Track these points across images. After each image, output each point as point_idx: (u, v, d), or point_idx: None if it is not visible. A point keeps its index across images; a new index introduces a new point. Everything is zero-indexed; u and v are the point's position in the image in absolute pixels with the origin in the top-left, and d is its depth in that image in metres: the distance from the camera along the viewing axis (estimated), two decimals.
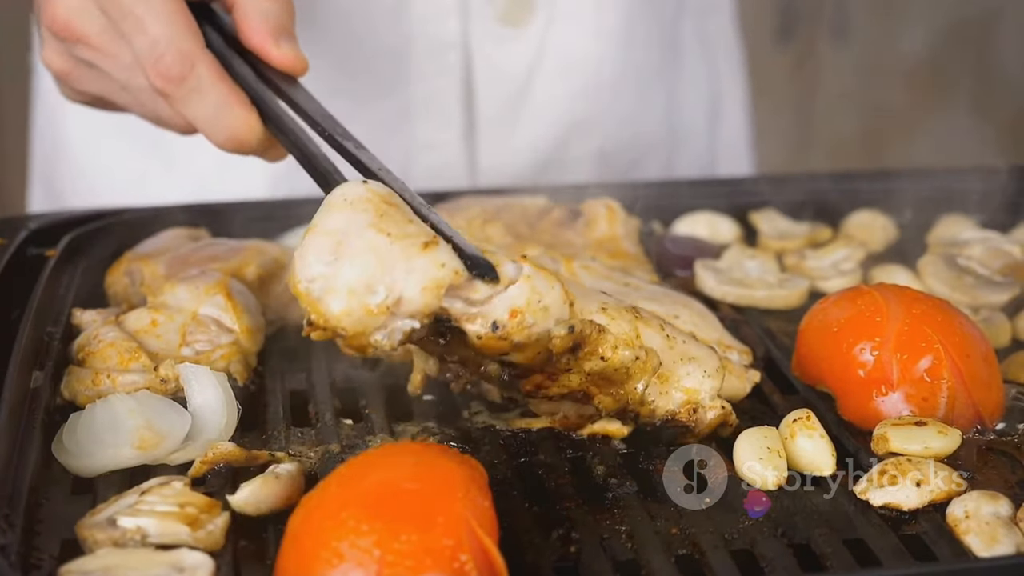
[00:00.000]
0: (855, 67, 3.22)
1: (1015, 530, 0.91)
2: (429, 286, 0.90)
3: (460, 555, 0.80)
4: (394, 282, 0.90)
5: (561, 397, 0.99)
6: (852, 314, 1.08)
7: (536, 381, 0.97)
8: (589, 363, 0.96)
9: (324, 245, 0.91)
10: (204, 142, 1.61)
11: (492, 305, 0.91)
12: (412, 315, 0.90)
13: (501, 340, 0.91)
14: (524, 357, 0.93)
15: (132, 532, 0.87)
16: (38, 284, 1.17)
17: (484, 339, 0.91)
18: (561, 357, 0.94)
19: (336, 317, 0.90)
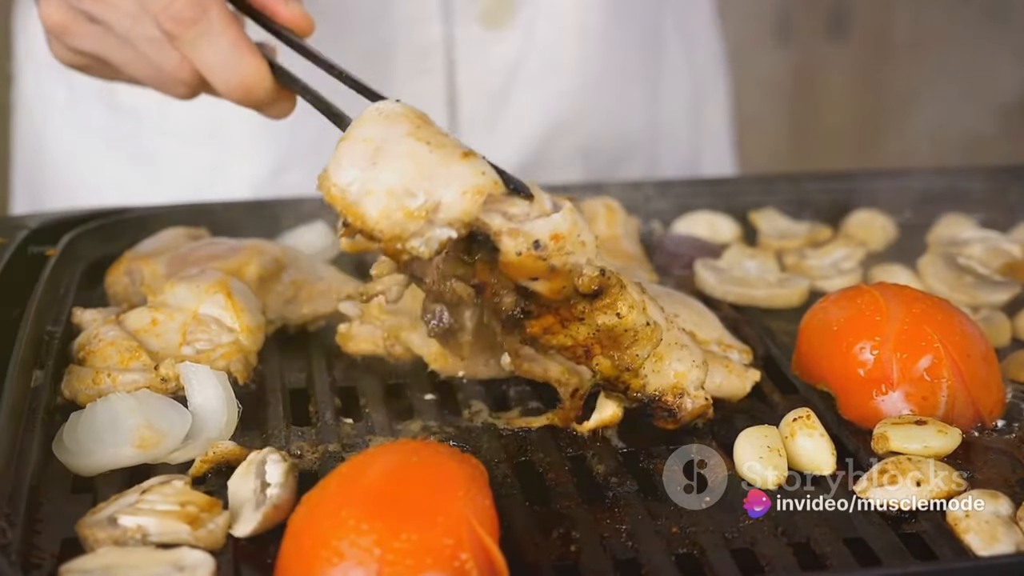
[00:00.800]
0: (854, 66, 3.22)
1: (1015, 529, 0.91)
2: (469, 191, 0.89)
3: (460, 554, 0.80)
4: (434, 187, 0.89)
5: (561, 350, 0.98)
6: (852, 313, 1.08)
7: (546, 323, 0.96)
8: (603, 316, 0.95)
9: (361, 151, 0.91)
10: (186, 151, 1.62)
11: (534, 225, 0.90)
12: (450, 223, 0.89)
13: (539, 260, 0.90)
14: (550, 288, 0.92)
15: (133, 531, 0.87)
16: (38, 283, 1.17)
17: (523, 257, 0.90)
18: (580, 301, 0.94)
19: (374, 219, 0.89)
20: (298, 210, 1.40)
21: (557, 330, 0.96)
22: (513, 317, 0.96)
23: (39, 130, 1.70)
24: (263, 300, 1.19)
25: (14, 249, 1.22)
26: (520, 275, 0.92)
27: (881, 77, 3.21)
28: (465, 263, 0.94)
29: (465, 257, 0.94)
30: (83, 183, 1.65)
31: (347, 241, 0.92)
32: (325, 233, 1.38)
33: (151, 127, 1.62)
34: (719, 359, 1.09)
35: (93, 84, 1.63)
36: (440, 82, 1.60)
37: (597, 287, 0.93)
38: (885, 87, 3.22)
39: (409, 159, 0.90)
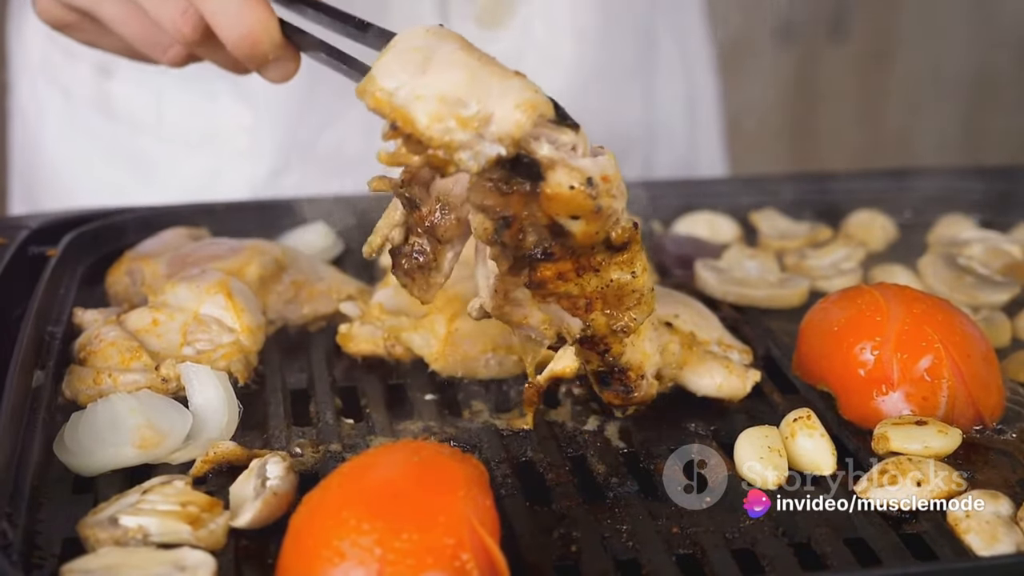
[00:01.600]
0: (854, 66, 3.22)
1: (1015, 529, 0.91)
2: (523, 105, 0.86)
3: (461, 554, 0.80)
4: (487, 98, 0.86)
5: (564, 299, 0.95)
6: (852, 314, 1.08)
7: (563, 268, 0.92)
8: (618, 272, 0.93)
9: (410, 58, 0.87)
10: (184, 156, 1.61)
11: (584, 161, 0.88)
12: (501, 138, 0.86)
13: (589, 198, 0.87)
14: (584, 230, 0.89)
15: (134, 531, 0.87)
16: (39, 284, 1.17)
17: (575, 192, 0.87)
18: (601, 252, 0.92)
19: (424, 124, 0.85)
20: (299, 210, 1.40)
21: (571, 277, 0.93)
22: (530, 257, 0.92)
23: (36, 138, 1.71)
24: (263, 300, 1.19)
25: (15, 249, 1.22)
26: (562, 210, 0.88)
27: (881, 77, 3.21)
28: (500, 192, 0.88)
29: (503, 186, 0.88)
30: (81, 189, 1.65)
31: (387, 153, 0.87)
32: (325, 233, 1.38)
33: (147, 133, 1.62)
34: (719, 359, 1.09)
35: (88, 92, 1.64)
36: None
37: (627, 239, 0.91)
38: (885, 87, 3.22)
39: (461, 68, 0.86)
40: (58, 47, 1.63)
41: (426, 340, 1.12)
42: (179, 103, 1.60)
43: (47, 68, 1.66)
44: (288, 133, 1.59)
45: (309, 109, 1.57)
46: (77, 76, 1.63)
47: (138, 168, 1.62)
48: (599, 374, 1.01)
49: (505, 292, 0.98)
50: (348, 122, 1.59)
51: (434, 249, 0.98)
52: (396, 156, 0.88)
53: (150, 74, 1.58)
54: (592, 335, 0.97)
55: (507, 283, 0.97)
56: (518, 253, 0.92)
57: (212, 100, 1.58)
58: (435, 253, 0.98)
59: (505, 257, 0.93)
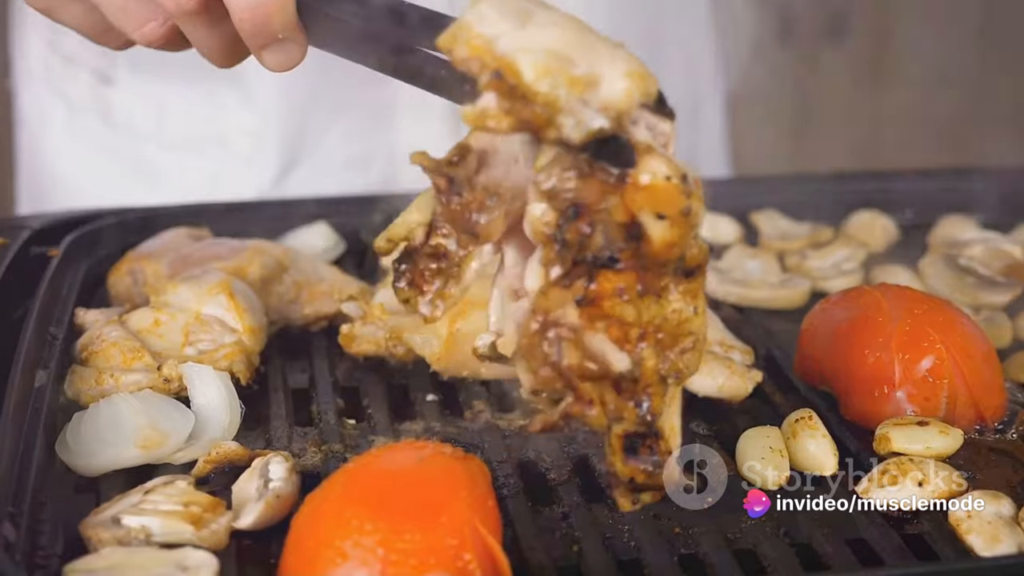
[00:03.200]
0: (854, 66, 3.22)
1: (1017, 530, 0.91)
2: (635, 75, 0.79)
3: (464, 554, 0.80)
4: (596, 61, 0.79)
5: (614, 325, 0.83)
6: (854, 314, 1.08)
7: (626, 282, 0.82)
8: (681, 303, 0.84)
9: (509, 10, 0.80)
10: (187, 162, 1.61)
11: (677, 160, 0.81)
12: (606, 108, 0.79)
13: (682, 195, 0.80)
14: (665, 236, 0.80)
15: (136, 531, 0.87)
16: (41, 284, 1.17)
17: (669, 185, 0.79)
18: (670, 275, 0.83)
19: (532, 77, 0.78)
20: (300, 211, 1.41)
21: (631, 296, 0.83)
22: (592, 262, 0.82)
23: (39, 145, 1.71)
24: (265, 301, 1.19)
25: (16, 250, 1.22)
26: (650, 205, 0.80)
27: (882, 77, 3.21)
28: (579, 174, 0.81)
29: (584, 167, 0.81)
30: (85, 196, 1.65)
31: (474, 110, 0.79)
32: (327, 234, 1.38)
33: (150, 140, 1.62)
34: (721, 360, 1.09)
35: (88, 99, 1.63)
36: None
37: (699, 263, 0.83)
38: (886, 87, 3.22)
39: (567, 26, 0.79)
40: (58, 54, 1.63)
41: (428, 340, 1.12)
42: (181, 110, 1.59)
43: (48, 76, 1.66)
44: (293, 135, 1.59)
45: (314, 109, 1.57)
46: (77, 83, 1.63)
47: (142, 174, 1.62)
48: (629, 438, 0.86)
49: (545, 315, 0.84)
50: (346, 120, 1.59)
51: (461, 251, 0.87)
52: (485, 113, 0.79)
53: (150, 82, 1.58)
54: (636, 378, 0.85)
55: (551, 300, 0.84)
56: (580, 255, 0.82)
57: (215, 106, 1.57)
58: (461, 258, 0.87)
59: (561, 260, 0.83)
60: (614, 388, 0.85)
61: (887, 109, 3.22)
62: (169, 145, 1.61)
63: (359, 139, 1.60)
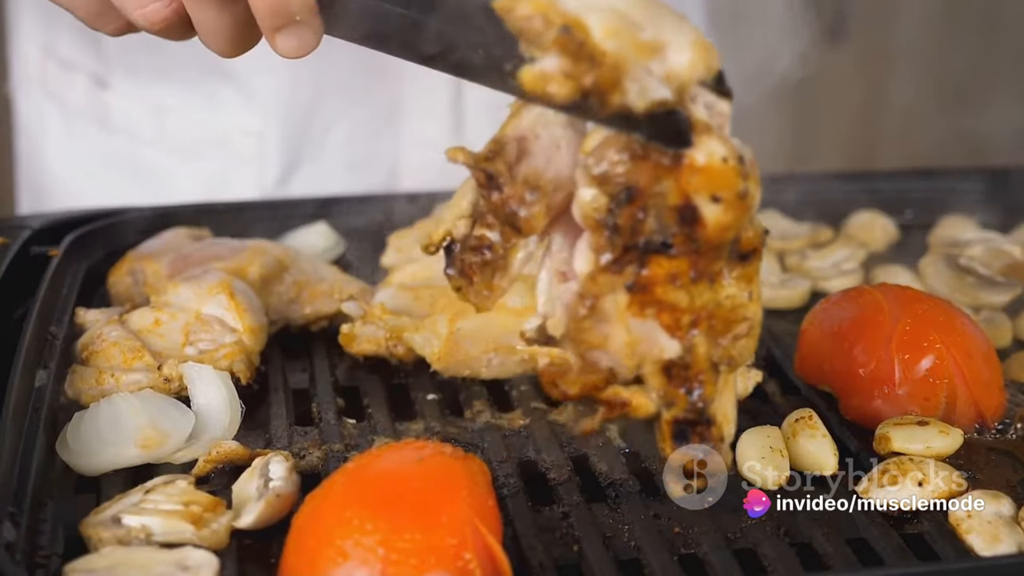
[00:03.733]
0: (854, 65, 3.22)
1: (1017, 529, 0.91)
2: (700, 46, 0.77)
3: (464, 553, 0.80)
4: (662, 29, 0.77)
5: (667, 311, 0.82)
6: (854, 314, 1.09)
7: (679, 268, 0.81)
8: (735, 288, 0.82)
9: None
10: (189, 166, 1.60)
11: (734, 140, 0.79)
12: (669, 78, 0.76)
13: (738, 176, 0.78)
14: (720, 219, 0.79)
15: (136, 530, 0.87)
16: (41, 283, 1.17)
17: (726, 166, 0.78)
18: (723, 259, 0.81)
19: (600, 36, 0.75)
20: (300, 211, 1.41)
21: (684, 282, 0.81)
22: (644, 247, 0.80)
23: (39, 150, 1.71)
24: (265, 300, 1.19)
25: (17, 249, 1.22)
26: (705, 187, 0.78)
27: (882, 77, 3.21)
28: (631, 156, 0.79)
29: (636, 148, 0.79)
30: (86, 201, 1.65)
31: (534, 71, 0.76)
32: (327, 234, 1.38)
33: (148, 145, 1.61)
34: None
35: (85, 103, 1.63)
36: (447, 77, 1.59)
37: (755, 246, 0.81)
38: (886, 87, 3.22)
39: None
40: (53, 59, 1.63)
41: (428, 340, 1.12)
42: (181, 114, 1.59)
43: (44, 81, 1.66)
44: (296, 135, 1.59)
45: (317, 108, 1.57)
46: (74, 88, 1.63)
47: (142, 179, 1.61)
48: (678, 425, 0.86)
49: (594, 299, 0.83)
50: (351, 119, 1.59)
51: (505, 243, 0.86)
52: (545, 76, 0.76)
53: (148, 86, 1.58)
54: (688, 364, 0.84)
55: (601, 285, 0.83)
56: (631, 241, 0.80)
57: (216, 109, 1.57)
58: (506, 249, 0.86)
59: (612, 246, 0.81)
60: (664, 374, 0.84)
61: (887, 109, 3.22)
62: (169, 149, 1.61)
63: (362, 140, 1.60)
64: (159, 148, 1.61)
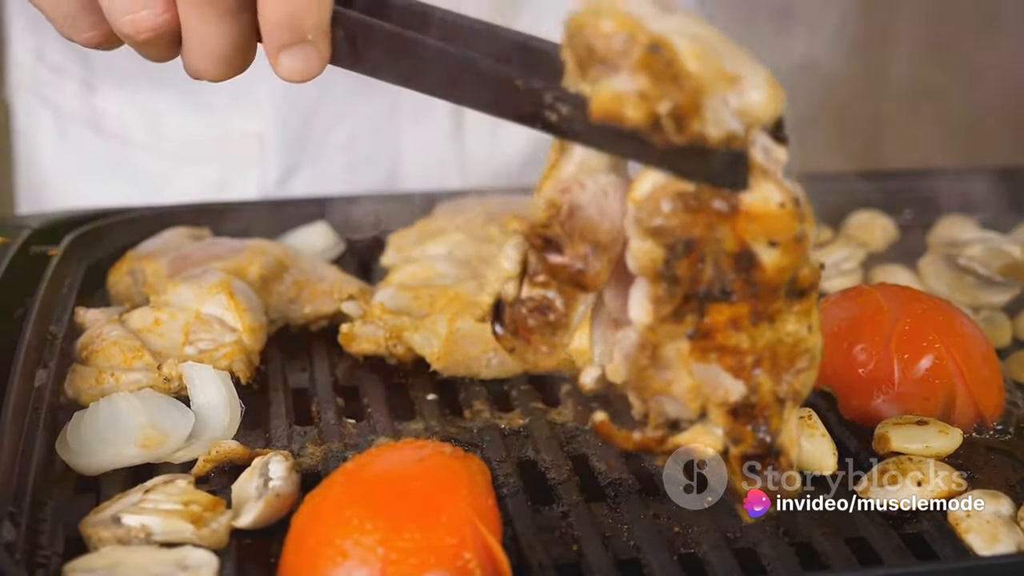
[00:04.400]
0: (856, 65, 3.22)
1: (1016, 529, 0.91)
2: (772, 85, 0.76)
3: (463, 553, 0.80)
4: (739, 65, 0.76)
5: (729, 354, 0.81)
6: (853, 314, 1.09)
7: (739, 313, 0.80)
8: (794, 324, 0.81)
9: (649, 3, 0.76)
10: (188, 171, 1.60)
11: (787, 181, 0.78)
12: (743, 113, 0.76)
13: (795, 220, 0.77)
14: (778, 263, 0.78)
15: (136, 530, 0.87)
16: (41, 283, 1.17)
17: (784, 210, 0.77)
18: (781, 298, 0.80)
19: (686, 56, 0.74)
20: (300, 210, 1.41)
21: (744, 326, 0.80)
22: (704, 296, 0.80)
23: (35, 155, 1.70)
24: (265, 300, 1.19)
25: (17, 249, 1.22)
26: (763, 233, 0.77)
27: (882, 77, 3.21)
28: (686, 207, 0.78)
29: (691, 200, 0.78)
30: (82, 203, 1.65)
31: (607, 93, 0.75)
32: (327, 233, 1.38)
33: (144, 150, 1.61)
34: None
35: (77, 108, 1.62)
36: None
37: (812, 283, 0.81)
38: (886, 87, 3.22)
39: (707, 26, 0.77)
40: (45, 64, 1.63)
41: (427, 340, 1.12)
42: (176, 119, 1.58)
43: (36, 86, 1.66)
44: (297, 137, 1.58)
45: (318, 110, 1.57)
46: (65, 93, 1.62)
47: (139, 183, 1.60)
48: (748, 459, 0.85)
49: (655, 349, 0.82)
50: (350, 122, 1.59)
51: (568, 301, 0.83)
52: (621, 98, 0.75)
53: (139, 91, 1.57)
54: (753, 404, 0.83)
55: (661, 335, 0.82)
56: (691, 290, 0.79)
57: (214, 113, 1.56)
58: (567, 307, 0.83)
59: (670, 297, 0.80)
60: (731, 415, 0.83)
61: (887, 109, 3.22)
62: (166, 153, 1.60)
63: (362, 143, 1.60)
64: (155, 153, 1.60)
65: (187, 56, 0.89)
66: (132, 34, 0.87)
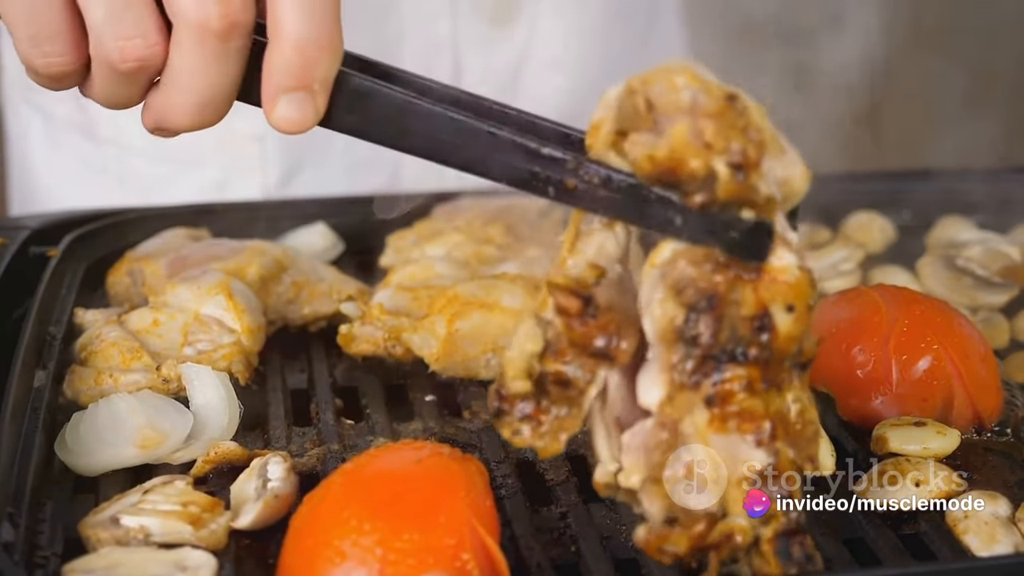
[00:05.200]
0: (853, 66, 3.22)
1: (1014, 530, 0.91)
2: (805, 167, 0.82)
3: (462, 554, 0.81)
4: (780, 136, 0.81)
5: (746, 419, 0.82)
6: (851, 315, 1.09)
7: (752, 376, 0.81)
8: (797, 392, 0.83)
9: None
10: (186, 175, 1.59)
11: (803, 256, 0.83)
12: (784, 183, 0.81)
13: (812, 286, 0.81)
14: (791, 329, 0.80)
15: (135, 531, 0.87)
16: (40, 284, 1.17)
17: (802, 275, 0.81)
18: (786, 368, 0.83)
19: (754, 110, 0.79)
20: (299, 211, 1.41)
21: (758, 390, 0.81)
22: (723, 355, 0.81)
23: (27, 159, 1.70)
24: (264, 301, 1.19)
25: (15, 250, 1.22)
26: (782, 297, 0.81)
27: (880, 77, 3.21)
28: (713, 265, 0.80)
29: (718, 258, 0.81)
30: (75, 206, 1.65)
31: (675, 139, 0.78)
32: (326, 234, 1.38)
33: (140, 155, 1.60)
34: None
35: (68, 113, 1.62)
36: (446, 80, 1.60)
37: (812, 356, 0.84)
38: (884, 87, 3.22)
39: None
40: None
41: (426, 341, 1.12)
42: None
43: (27, 91, 1.66)
44: (298, 139, 1.58)
45: None
46: (57, 98, 1.62)
47: (136, 189, 1.59)
48: (779, 541, 0.83)
49: (674, 425, 0.82)
50: None
51: (586, 377, 0.83)
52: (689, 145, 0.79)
53: None
54: (776, 476, 0.83)
55: (679, 406, 0.82)
56: (708, 352, 0.80)
57: None
58: (584, 385, 0.82)
59: (687, 360, 0.81)
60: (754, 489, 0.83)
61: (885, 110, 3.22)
62: (163, 158, 1.60)
63: (363, 145, 1.59)
64: (151, 158, 1.59)
65: (162, 98, 0.86)
66: (116, 62, 0.83)
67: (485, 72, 1.61)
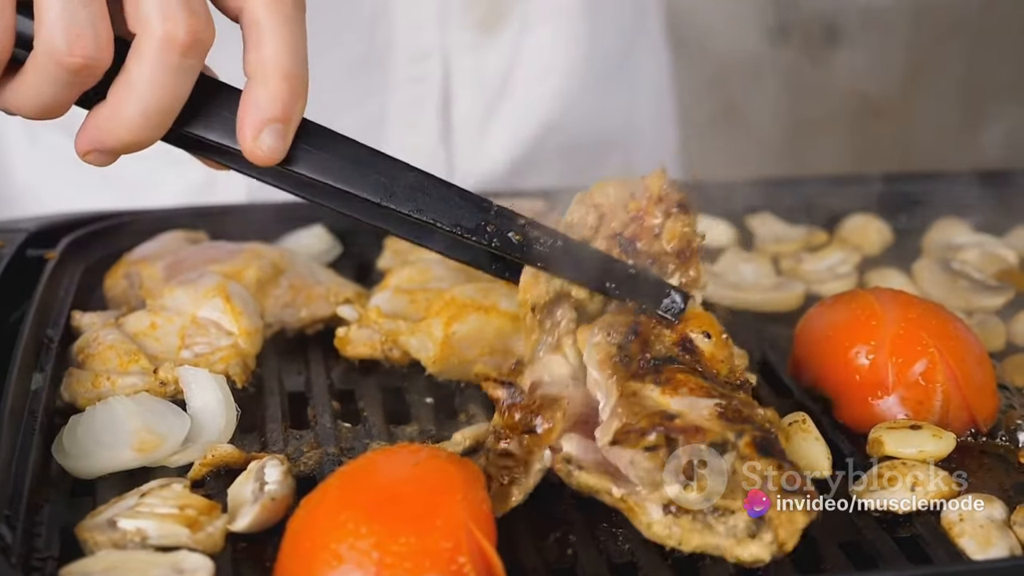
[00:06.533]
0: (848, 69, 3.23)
1: (1009, 533, 0.91)
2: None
3: (458, 557, 0.81)
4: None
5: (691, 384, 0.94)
6: (848, 318, 1.09)
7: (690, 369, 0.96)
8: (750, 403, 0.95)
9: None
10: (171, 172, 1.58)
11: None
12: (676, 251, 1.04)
13: (720, 322, 1.01)
14: (714, 350, 0.98)
15: (132, 534, 0.87)
16: (38, 286, 1.17)
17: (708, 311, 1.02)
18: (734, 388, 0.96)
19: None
20: (296, 214, 1.41)
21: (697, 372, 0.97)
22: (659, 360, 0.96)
23: (6, 160, 1.68)
24: (261, 304, 1.19)
25: (13, 252, 1.22)
26: (695, 325, 0.99)
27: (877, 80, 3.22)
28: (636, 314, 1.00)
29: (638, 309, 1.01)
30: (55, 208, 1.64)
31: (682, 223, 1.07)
32: (323, 237, 1.38)
33: None
34: None
35: None
36: (435, 87, 1.61)
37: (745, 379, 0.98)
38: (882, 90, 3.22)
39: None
40: None
41: (423, 343, 1.12)
42: None
43: None
44: None
45: (307, 115, 1.57)
46: None
47: (118, 188, 1.57)
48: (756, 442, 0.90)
49: (633, 395, 0.94)
50: (346, 127, 1.59)
51: (526, 455, 0.93)
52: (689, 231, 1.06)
53: None
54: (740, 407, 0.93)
55: (632, 386, 0.94)
56: (644, 359, 0.97)
57: None
58: (526, 459, 0.93)
59: (630, 364, 0.96)
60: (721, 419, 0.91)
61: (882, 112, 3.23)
62: (145, 156, 1.58)
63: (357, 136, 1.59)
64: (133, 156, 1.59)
65: (110, 109, 0.87)
66: (64, 54, 0.84)
67: (474, 78, 1.61)
